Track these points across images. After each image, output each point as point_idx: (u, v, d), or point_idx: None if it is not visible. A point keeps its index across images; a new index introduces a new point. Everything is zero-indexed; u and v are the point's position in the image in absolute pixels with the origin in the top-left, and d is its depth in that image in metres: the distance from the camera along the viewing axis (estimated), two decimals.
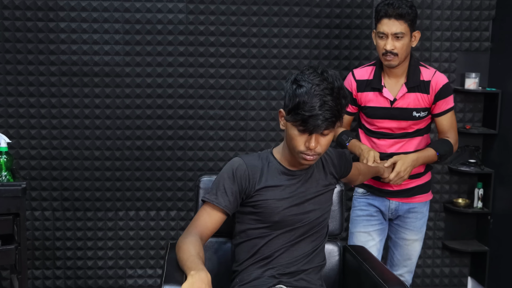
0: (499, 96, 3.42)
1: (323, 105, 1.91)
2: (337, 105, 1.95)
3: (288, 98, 1.99)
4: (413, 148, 2.75)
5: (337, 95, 1.95)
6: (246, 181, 2.05)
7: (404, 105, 2.69)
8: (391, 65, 2.65)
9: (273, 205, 2.06)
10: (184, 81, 3.37)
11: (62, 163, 3.37)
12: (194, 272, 1.81)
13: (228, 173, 2.06)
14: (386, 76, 2.73)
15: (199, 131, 3.42)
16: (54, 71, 3.29)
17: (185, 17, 3.32)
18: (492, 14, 3.49)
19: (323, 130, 1.94)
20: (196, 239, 1.98)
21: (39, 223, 3.40)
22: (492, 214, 3.51)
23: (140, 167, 3.42)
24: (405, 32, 2.60)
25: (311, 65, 2.08)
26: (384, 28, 2.60)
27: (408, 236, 2.87)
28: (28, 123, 3.31)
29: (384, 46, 2.61)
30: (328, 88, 1.93)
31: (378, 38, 2.65)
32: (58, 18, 3.25)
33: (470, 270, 3.70)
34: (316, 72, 1.97)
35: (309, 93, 1.92)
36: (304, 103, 1.92)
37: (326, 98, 1.92)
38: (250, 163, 2.09)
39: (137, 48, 3.31)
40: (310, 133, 1.95)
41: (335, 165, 2.23)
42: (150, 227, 3.48)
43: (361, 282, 2.17)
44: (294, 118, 1.95)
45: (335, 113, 1.94)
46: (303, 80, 1.96)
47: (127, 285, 3.51)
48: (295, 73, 2.03)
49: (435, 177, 3.59)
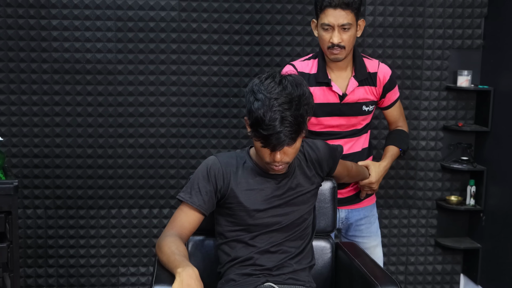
0: (491, 93, 3.42)
1: (282, 122, 1.81)
2: (298, 118, 1.84)
3: (247, 111, 1.88)
4: (361, 147, 2.61)
5: (298, 105, 1.84)
6: (220, 180, 2.00)
7: (354, 100, 2.51)
8: (337, 59, 2.43)
9: (248, 208, 2.00)
10: (177, 79, 3.36)
11: (54, 161, 3.36)
12: (181, 270, 1.81)
13: (202, 172, 2.02)
14: (330, 70, 2.51)
15: (192, 128, 3.41)
16: (46, 69, 3.28)
17: (178, 14, 3.31)
18: (484, 12, 3.50)
19: (285, 146, 1.86)
20: (175, 238, 1.95)
21: (31, 221, 3.39)
22: (485, 211, 3.52)
23: (132, 165, 3.41)
24: (352, 22, 2.37)
25: (270, 73, 1.93)
26: (329, 19, 2.35)
27: (367, 243, 2.68)
28: (20, 121, 3.30)
29: (330, 39, 2.37)
30: (287, 102, 1.82)
31: (322, 30, 2.40)
32: (50, 16, 3.23)
33: (462, 267, 3.71)
34: (274, 81, 1.85)
35: (266, 109, 1.80)
36: (262, 120, 1.81)
37: (285, 114, 1.81)
38: (225, 162, 2.03)
39: (129, 46, 3.31)
40: (272, 150, 1.87)
41: (321, 163, 2.15)
42: (142, 225, 3.48)
43: (353, 279, 2.17)
44: (255, 134, 1.87)
45: (295, 128, 1.84)
46: (260, 92, 1.84)
47: (119, 283, 3.50)
48: (253, 82, 1.91)
49: (427, 175, 3.60)
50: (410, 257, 3.68)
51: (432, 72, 3.53)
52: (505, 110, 3.34)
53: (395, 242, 3.66)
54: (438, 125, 3.57)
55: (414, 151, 3.59)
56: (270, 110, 1.80)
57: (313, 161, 2.13)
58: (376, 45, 3.47)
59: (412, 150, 3.59)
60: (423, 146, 3.59)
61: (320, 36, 2.42)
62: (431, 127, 3.57)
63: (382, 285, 1.96)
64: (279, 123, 1.80)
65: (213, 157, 2.05)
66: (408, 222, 3.66)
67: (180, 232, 1.99)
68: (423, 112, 3.56)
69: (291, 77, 1.89)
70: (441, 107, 3.56)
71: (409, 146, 2.69)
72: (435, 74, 3.53)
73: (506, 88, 3.33)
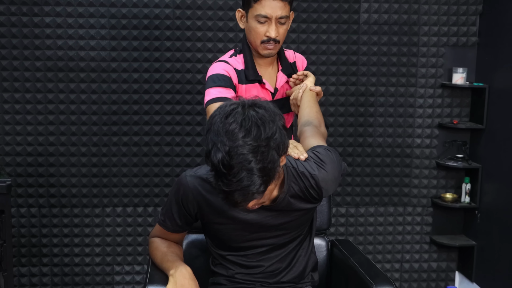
0: (486, 91, 3.42)
1: (248, 177, 1.48)
2: (267, 166, 1.50)
3: (206, 153, 1.54)
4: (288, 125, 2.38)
5: (265, 152, 1.49)
6: (192, 207, 1.79)
7: (283, 95, 2.33)
8: (271, 55, 2.23)
9: (226, 233, 1.80)
10: (171, 76, 3.35)
11: (48, 159, 3.34)
12: (174, 271, 1.79)
13: (175, 196, 1.80)
14: (258, 66, 2.28)
15: (186, 126, 3.40)
16: (39, 67, 3.26)
17: (172, 12, 3.30)
18: (479, 9, 3.50)
19: (251, 201, 1.56)
20: (164, 239, 1.92)
21: (25, 220, 3.37)
22: (480, 209, 3.52)
23: (127, 163, 3.40)
24: (288, 15, 2.18)
25: (233, 108, 1.54)
26: (267, 11, 2.12)
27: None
28: (13, 119, 3.28)
29: (267, 32, 2.16)
30: (252, 151, 1.48)
31: (256, 23, 2.16)
32: (43, 13, 3.21)
33: (457, 264, 3.71)
34: (235, 121, 1.50)
35: (227, 160, 1.47)
36: (222, 173, 1.49)
37: (250, 166, 1.48)
38: (197, 188, 1.76)
39: (123, 43, 3.29)
40: (235, 206, 1.58)
41: (320, 193, 1.79)
42: (137, 223, 3.46)
43: (348, 278, 2.17)
44: (215, 185, 1.54)
45: (265, 179, 1.51)
46: (219, 135, 1.50)
47: (114, 281, 3.49)
48: (213, 115, 1.56)
49: (422, 172, 3.60)
50: (405, 254, 3.68)
51: (427, 69, 3.53)
52: (500, 108, 3.34)
53: (390, 239, 3.66)
54: (433, 122, 3.57)
55: (409, 148, 3.59)
56: (231, 160, 1.47)
57: (310, 191, 1.78)
58: (371, 43, 3.47)
59: (407, 148, 3.59)
60: (418, 144, 3.58)
61: (253, 29, 2.18)
62: (426, 125, 3.57)
63: (377, 284, 1.94)
64: (244, 177, 1.48)
65: (185, 179, 1.78)
66: (403, 220, 3.66)
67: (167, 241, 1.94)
68: (418, 109, 3.56)
69: (256, 112, 1.53)
70: (436, 105, 3.56)
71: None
72: (430, 72, 3.53)
73: (501, 86, 3.33)
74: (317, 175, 1.75)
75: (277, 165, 1.54)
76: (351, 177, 3.58)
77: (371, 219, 3.64)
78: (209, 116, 1.58)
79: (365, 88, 3.51)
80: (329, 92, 3.48)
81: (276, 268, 1.88)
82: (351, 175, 3.58)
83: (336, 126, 3.51)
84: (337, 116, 3.51)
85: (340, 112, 3.51)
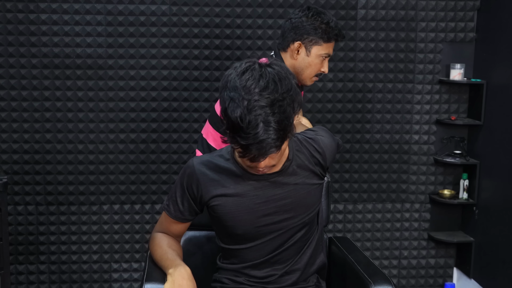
0: (484, 87, 3.42)
1: (265, 129, 1.51)
2: (284, 121, 1.54)
3: (222, 110, 1.57)
4: None
5: (282, 107, 1.53)
6: (196, 188, 1.80)
7: None
8: (308, 86, 2.55)
9: (232, 217, 1.79)
10: (168, 74, 3.34)
11: (45, 156, 3.33)
12: (172, 270, 1.78)
13: (180, 179, 1.83)
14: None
15: (183, 123, 3.39)
16: (35, 64, 3.24)
17: (168, 8, 3.28)
18: (477, 5, 3.49)
19: (270, 155, 1.58)
20: (166, 235, 1.93)
21: (22, 217, 3.36)
22: (478, 205, 3.52)
23: (124, 160, 3.39)
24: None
25: (248, 64, 1.60)
26: (330, 50, 2.44)
27: None
28: (9, 116, 3.27)
29: (322, 68, 2.45)
30: (269, 104, 1.52)
31: (317, 58, 2.42)
32: (39, 10, 3.20)
33: (455, 261, 3.71)
34: (253, 77, 1.54)
35: (244, 113, 1.50)
36: (239, 126, 1.51)
37: (268, 119, 1.51)
38: (202, 168, 1.79)
39: (120, 40, 3.27)
40: (252, 160, 1.60)
41: (325, 158, 1.87)
42: (135, 220, 3.46)
43: (346, 276, 2.16)
44: (232, 141, 1.57)
45: (281, 134, 1.54)
46: (236, 90, 1.53)
47: (112, 279, 3.48)
48: (228, 75, 1.60)
49: (420, 168, 3.59)
50: (403, 251, 3.68)
51: (424, 65, 3.52)
52: (497, 104, 3.34)
53: (388, 236, 3.65)
54: (431, 118, 3.56)
55: (407, 145, 3.58)
56: (249, 114, 1.50)
57: (312, 153, 1.85)
58: (368, 39, 3.46)
59: (405, 144, 3.58)
60: (416, 140, 3.58)
61: (314, 64, 2.43)
62: (424, 121, 3.56)
63: (375, 283, 1.92)
64: (261, 130, 1.50)
65: (191, 161, 1.83)
66: (401, 216, 3.65)
67: (168, 234, 1.95)
68: (416, 105, 3.55)
69: (272, 68, 1.58)
70: (434, 101, 3.55)
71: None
72: (428, 68, 3.52)
73: (499, 81, 3.33)
74: (317, 138, 1.86)
75: (292, 122, 1.58)
76: (349, 174, 3.58)
77: (369, 216, 3.63)
78: (224, 76, 1.62)
79: (362, 84, 3.50)
80: (326, 88, 3.47)
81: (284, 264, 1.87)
82: (349, 171, 3.57)
83: (333, 123, 3.50)
84: (335, 112, 3.50)
85: (337, 108, 3.50)
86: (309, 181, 1.83)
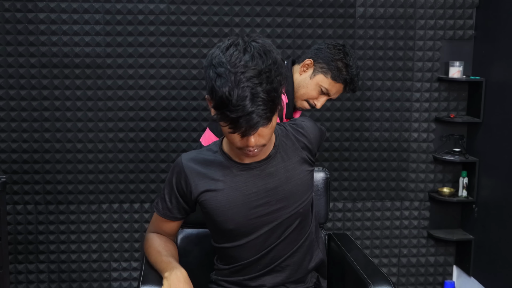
0: (483, 84, 3.41)
1: (253, 100, 1.49)
2: (272, 92, 1.52)
3: (208, 89, 1.56)
4: None
5: (269, 78, 1.52)
6: (185, 185, 1.79)
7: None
8: (299, 110, 2.53)
9: (223, 211, 1.75)
10: (166, 72, 3.33)
11: (44, 156, 3.33)
12: (168, 274, 1.77)
13: (169, 177, 1.83)
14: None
15: (182, 122, 3.39)
16: (34, 63, 3.24)
17: (167, 7, 3.28)
18: (475, 2, 3.48)
19: (259, 128, 1.55)
20: (159, 236, 1.92)
21: (21, 217, 3.36)
22: (477, 203, 3.52)
23: (123, 159, 3.38)
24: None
25: (232, 40, 1.58)
26: (332, 90, 2.42)
27: None
28: (8, 115, 3.27)
29: (316, 100, 2.45)
30: (256, 75, 1.50)
31: (316, 87, 2.42)
32: (37, 9, 3.20)
33: (455, 258, 3.71)
34: (238, 50, 1.53)
35: (232, 86, 1.48)
36: (228, 100, 1.49)
37: (256, 90, 1.49)
38: (190, 164, 1.79)
39: (118, 39, 3.27)
40: (243, 135, 1.57)
41: (311, 141, 1.87)
42: (134, 219, 3.46)
43: (345, 274, 2.15)
44: (221, 118, 1.54)
45: (270, 105, 1.53)
46: (222, 65, 1.51)
47: (111, 278, 3.48)
48: (211, 53, 1.57)
49: (419, 166, 3.59)
50: (403, 249, 3.67)
51: (423, 63, 3.51)
52: (497, 101, 3.33)
53: (387, 234, 3.65)
54: (430, 116, 3.56)
55: (406, 142, 3.58)
56: (237, 87, 1.48)
57: (299, 139, 1.86)
58: (367, 37, 3.45)
59: (404, 142, 3.58)
60: (415, 138, 3.57)
61: (309, 87, 2.43)
62: (423, 119, 3.56)
63: (375, 284, 1.90)
64: (249, 101, 1.48)
65: (179, 158, 1.83)
66: (401, 214, 3.65)
67: (161, 234, 1.94)
68: (415, 103, 3.54)
69: (256, 42, 1.56)
70: (433, 99, 3.55)
71: None
72: (427, 65, 3.52)
73: (498, 79, 3.32)
74: (299, 123, 1.89)
75: (279, 94, 1.57)
76: (348, 172, 3.58)
77: (368, 214, 3.63)
78: (208, 55, 1.60)
79: (361, 82, 3.49)
80: None
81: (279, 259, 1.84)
82: (348, 170, 3.57)
83: (332, 121, 3.50)
84: (334, 110, 3.50)
85: (336, 106, 3.50)
86: (299, 167, 1.82)
